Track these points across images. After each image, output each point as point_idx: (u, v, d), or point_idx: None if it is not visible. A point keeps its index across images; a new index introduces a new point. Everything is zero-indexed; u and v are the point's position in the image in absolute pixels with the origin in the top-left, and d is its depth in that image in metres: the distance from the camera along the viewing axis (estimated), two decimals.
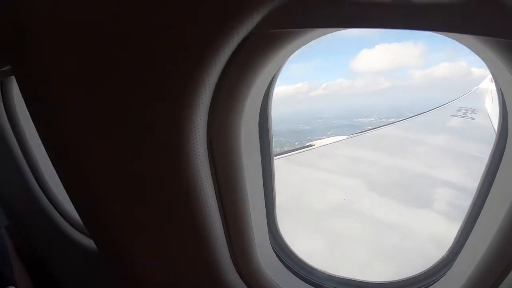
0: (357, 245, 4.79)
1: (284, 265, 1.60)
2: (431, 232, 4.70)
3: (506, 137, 1.15)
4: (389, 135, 10.74)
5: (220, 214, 1.25)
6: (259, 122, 1.33)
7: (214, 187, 1.19)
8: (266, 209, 1.51)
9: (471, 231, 1.33)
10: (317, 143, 9.89)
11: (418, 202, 5.77)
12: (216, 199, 1.22)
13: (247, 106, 1.09)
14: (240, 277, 1.41)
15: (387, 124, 12.11)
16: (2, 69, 1.92)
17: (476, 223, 1.30)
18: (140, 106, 1.01)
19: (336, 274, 1.62)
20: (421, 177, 6.83)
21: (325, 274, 1.63)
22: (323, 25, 0.89)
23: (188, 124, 1.00)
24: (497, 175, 1.20)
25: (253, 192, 1.35)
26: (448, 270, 1.44)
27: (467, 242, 1.34)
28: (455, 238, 1.45)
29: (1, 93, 2.12)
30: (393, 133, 10.91)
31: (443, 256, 1.50)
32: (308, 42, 1.07)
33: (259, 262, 1.44)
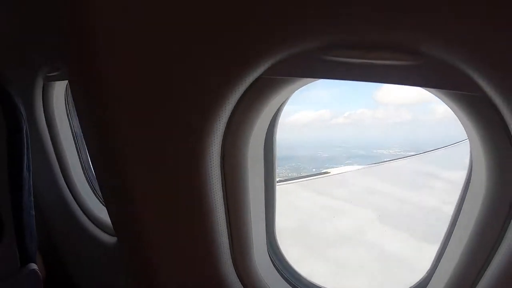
0: (360, 276, 4.76)
1: (276, 270, 1.74)
2: None
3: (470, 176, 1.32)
4: (405, 168, 10.65)
5: (226, 221, 1.42)
6: (265, 144, 1.53)
7: (223, 197, 1.37)
8: (266, 220, 1.67)
9: (442, 256, 1.46)
10: (333, 171, 9.86)
11: (429, 237, 5.59)
12: (224, 207, 1.39)
13: (255, 131, 1.31)
14: (238, 278, 1.56)
15: (405, 157, 11.93)
16: (49, 74, 2.12)
17: (446, 250, 1.44)
18: (174, 127, 1.21)
19: (322, 285, 1.74)
20: (435, 212, 6.68)
21: (310, 282, 1.75)
22: (308, 76, 1.15)
23: (206, 144, 1.22)
24: (462, 209, 1.36)
25: (255, 204, 1.52)
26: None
27: (438, 267, 1.48)
28: (431, 264, 1.56)
29: (43, 96, 2.29)
30: (410, 166, 10.80)
31: (418, 281, 1.61)
32: (301, 86, 1.30)
33: (256, 266, 1.58)
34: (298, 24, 0.99)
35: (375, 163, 10.96)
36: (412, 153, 13.23)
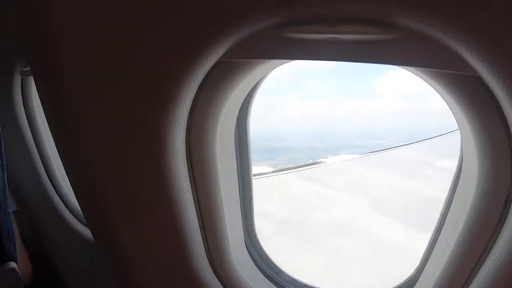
0: (356, 264, 4.74)
1: (255, 265, 1.69)
2: None
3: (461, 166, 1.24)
4: (401, 157, 10.59)
5: (198, 216, 1.35)
6: (238, 131, 1.48)
7: (191, 188, 1.29)
8: (243, 214, 1.61)
9: (432, 252, 1.40)
10: (329, 160, 9.83)
11: (424, 226, 5.57)
12: (193, 199, 1.31)
13: (222, 120, 1.25)
14: (215, 274, 1.49)
15: (400, 146, 11.92)
16: (25, 69, 2.09)
17: (436, 245, 1.38)
18: (133, 111, 1.13)
19: (303, 280, 1.67)
20: (430, 200, 6.63)
21: (291, 278, 1.69)
22: (270, 57, 1.07)
23: (170, 129, 1.13)
24: (453, 199, 1.30)
25: (229, 198, 1.47)
26: (415, 284, 1.49)
27: (428, 263, 1.42)
28: (421, 259, 1.49)
29: (22, 91, 2.27)
30: (405, 155, 10.76)
31: (408, 277, 1.53)
32: (269, 70, 1.28)
33: (233, 261, 1.51)
34: (254, 0, 0.90)
35: (370, 152, 10.93)
36: (408, 143, 13.18)
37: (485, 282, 1.06)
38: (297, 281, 1.68)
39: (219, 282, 1.50)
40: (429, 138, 12.31)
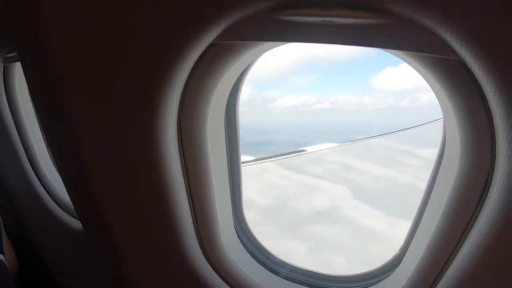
0: (338, 251, 4.65)
1: (244, 248, 1.68)
2: None
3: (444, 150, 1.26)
4: (381, 146, 10.57)
5: (188, 199, 1.33)
6: (227, 117, 1.47)
7: (183, 173, 1.27)
8: (232, 194, 1.61)
9: (414, 234, 1.40)
10: (309, 149, 9.81)
11: (404, 213, 5.46)
12: (185, 185, 1.29)
13: (213, 102, 1.22)
14: (205, 257, 1.46)
15: (381, 134, 11.87)
16: (8, 55, 2.06)
17: (418, 227, 1.38)
18: (124, 95, 1.11)
19: (290, 262, 1.67)
20: (410, 188, 6.59)
21: (279, 260, 1.68)
22: (263, 39, 1.06)
23: (162, 115, 1.11)
24: (435, 183, 1.31)
25: (219, 181, 1.46)
26: (394, 270, 1.50)
27: (410, 244, 1.41)
28: (404, 241, 1.49)
29: (4, 78, 2.20)
30: (386, 144, 10.71)
31: (392, 258, 1.54)
32: (261, 53, 1.25)
33: (223, 245, 1.50)
34: None
35: (350, 141, 10.92)
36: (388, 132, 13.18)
37: (469, 256, 1.07)
38: (285, 262, 1.67)
39: (210, 268, 1.49)
40: (409, 128, 12.30)
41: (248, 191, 6.43)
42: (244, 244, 1.68)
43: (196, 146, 1.26)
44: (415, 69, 1.09)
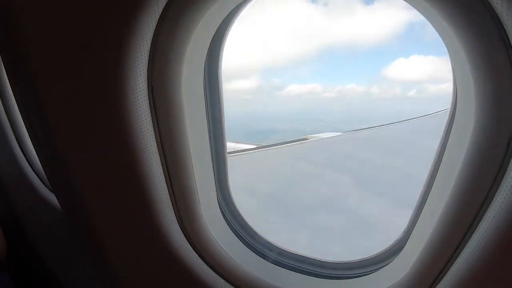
0: (339, 240, 4.56)
1: (228, 226, 1.57)
2: None
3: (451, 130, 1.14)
4: (385, 135, 10.46)
5: (163, 169, 1.20)
6: (208, 79, 1.36)
7: (156, 140, 1.14)
8: (215, 170, 1.49)
9: (419, 216, 1.29)
10: (312, 137, 9.71)
11: (407, 203, 5.36)
12: (158, 153, 1.16)
13: (188, 56, 1.09)
14: (184, 235, 1.34)
15: (384, 124, 11.74)
16: None
17: (424, 207, 1.27)
18: (89, 53, 1.00)
19: (280, 246, 1.57)
20: (413, 178, 6.47)
21: (267, 241, 1.57)
22: None
23: (130, 71, 1.00)
24: (444, 155, 1.18)
25: (198, 150, 1.33)
26: (396, 256, 1.40)
27: (415, 226, 1.30)
28: (407, 224, 1.38)
29: None
30: (389, 133, 10.63)
31: (395, 241, 1.43)
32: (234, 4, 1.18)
33: (204, 221, 1.38)
34: None
35: (354, 130, 10.83)
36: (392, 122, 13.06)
37: (484, 240, 0.91)
38: (272, 244, 1.57)
39: (189, 245, 1.35)
40: (414, 118, 12.15)
41: (249, 179, 6.39)
42: (227, 221, 1.57)
43: (170, 108, 1.13)
44: (424, 10, 0.96)
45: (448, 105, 1.15)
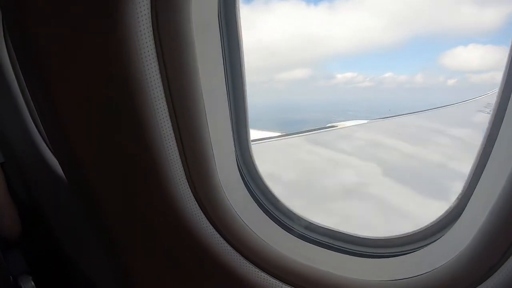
0: (365, 229, 4.35)
1: (249, 193, 1.35)
2: None
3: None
4: (412, 123, 10.09)
5: (172, 122, 0.99)
6: (223, 15, 1.11)
7: (165, 93, 0.95)
8: (235, 130, 1.27)
9: (481, 175, 1.06)
10: (339, 124, 9.62)
11: (434, 193, 5.18)
12: (166, 105, 0.97)
13: None
14: (196, 202, 1.14)
15: (412, 112, 11.34)
16: None
17: (486, 164, 1.03)
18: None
19: (312, 220, 1.36)
20: (440, 168, 6.23)
21: (295, 214, 1.37)
22: None
23: (130, 8, 0.82)
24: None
25: (213, 102, 1.09)
26: (448, 230, 1.15)
27: (475, 190, 1.07)
28: (463, 186, 1.12)
29: (3, 30, 1.99)
30: (417, 122, 10.25)
31: (445, 212, 1.16)
32: None
33: (220, 185, 1.17)
34: None
35: (380, 118, 10.51)
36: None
37: None
38: (300, 217, 1.37)
39: (203, 214, 1.15)
40: (440, 107, 11.68)
41: (274, 166, 6.28)
42: (248, 187, 1.36)
43: (179, 49, 0.94)
44: None
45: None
